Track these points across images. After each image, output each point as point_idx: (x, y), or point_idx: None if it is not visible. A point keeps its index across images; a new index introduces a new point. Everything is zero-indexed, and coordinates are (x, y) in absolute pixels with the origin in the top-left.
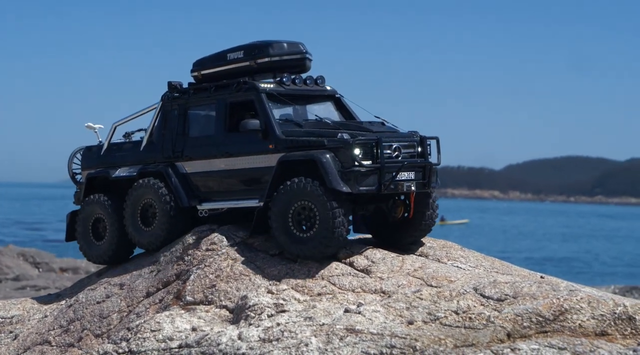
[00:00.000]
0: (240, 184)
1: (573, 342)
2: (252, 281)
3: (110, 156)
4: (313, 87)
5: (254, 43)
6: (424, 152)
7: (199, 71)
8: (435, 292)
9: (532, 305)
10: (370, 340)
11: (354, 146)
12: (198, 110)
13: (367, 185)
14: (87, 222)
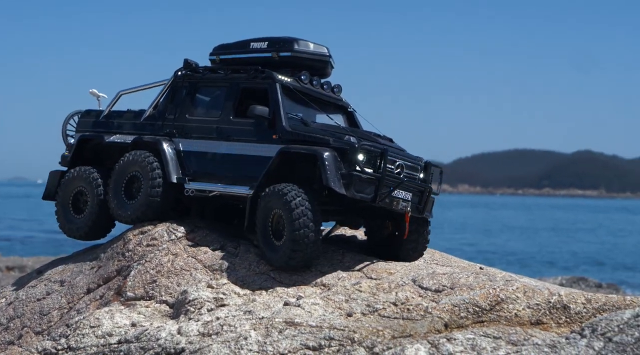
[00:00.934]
0: (235, 170)
1: (508, 331)
2: (193, 276)
3: (108, 122)
4: (328, 93)
5: (280, 37)
6: (426, 179)
7: (218, 55)
8: (375, 284)
9: (469, 296)
10: (309, 333)
11: (359, 151)
12: (208, 91)
13: (363, 193)
14: (68, 194)
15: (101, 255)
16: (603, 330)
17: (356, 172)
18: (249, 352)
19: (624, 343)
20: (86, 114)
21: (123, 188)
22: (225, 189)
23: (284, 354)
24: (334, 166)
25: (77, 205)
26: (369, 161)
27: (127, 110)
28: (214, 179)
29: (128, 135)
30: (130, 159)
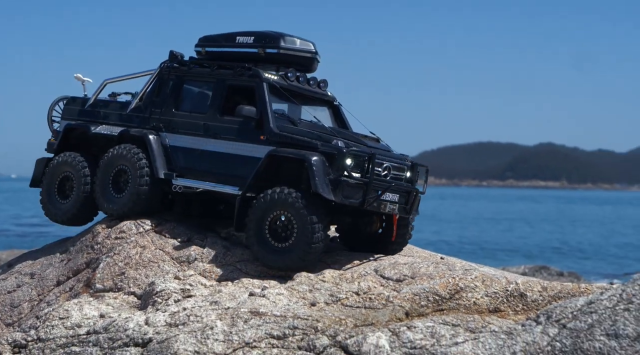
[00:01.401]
0: (222, 168)
1: (466, 319)
2: (161, 268)
3: (94, 112)
4: (315, 89)
5: (266, 32)
6: (413, 178)
7: (204, 47)
8: (338, 275)
9: (429, 285)
10: (274, 322)
11: (347, 156)
12: (194, 85)
13: (351, 198)
14: (54, 179)
15: (71, 248)
16: (558, 317)
17: (344, 177)
18: (215, 341)
19: (578, 329)
20: (71, 101)
21: (110, 181)
22: (213, 187)
23: (249, 343)
24: (322, 171)
25: (63, 190)
26: (357, 165)
27: (113, 101)
28: (201, 175)
29: (114, 127)
30: (118, 153)
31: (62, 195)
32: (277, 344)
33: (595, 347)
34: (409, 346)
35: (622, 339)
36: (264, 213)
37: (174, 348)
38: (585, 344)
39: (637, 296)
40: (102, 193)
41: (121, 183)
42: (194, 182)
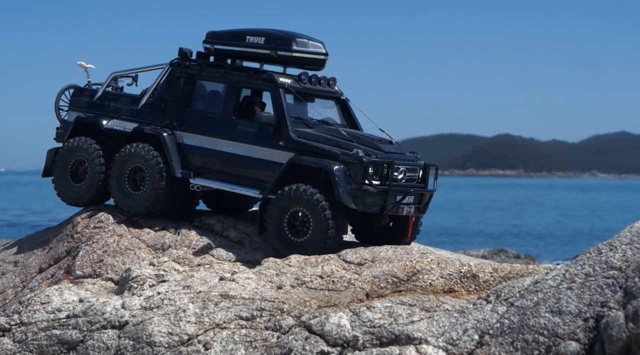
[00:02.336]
0: (241, 170)
1: (422, 299)
2: (137, 255)
3: (103, 104)
4: (325, 88)
5: (276, 33)
6: (425, 178)
7: (213, 44)
8: (303, 259)
9: (388, 268)
10: (243, 305)
11: (369, 165)
12: (206, 84)
13: (372, 205)
14: (67, 163)
15: (52, 237)
16: (506, 296)
17: (365, 185)
18: (187, 323)
19: (524, 307)
20: (79, 92)
21: (127, 178)
22: (232, 188)
23: (219, 324)
24: (344, 181)
25: (76, 174)
26: (376, 173)
27: (122, 94)
28: (219, 176)
29: (126, 122)
30: (134, 152)
31: (75, 179)
32: (245, 324)
33: (540, 323)
34: (369, 325)
35: (565, 315)
36: (283, 209)
37: (149, 330)
38: (531, 320)
39: (579, 276)
40: (119, 190)
41: (137, 180)
42: (212, 182)
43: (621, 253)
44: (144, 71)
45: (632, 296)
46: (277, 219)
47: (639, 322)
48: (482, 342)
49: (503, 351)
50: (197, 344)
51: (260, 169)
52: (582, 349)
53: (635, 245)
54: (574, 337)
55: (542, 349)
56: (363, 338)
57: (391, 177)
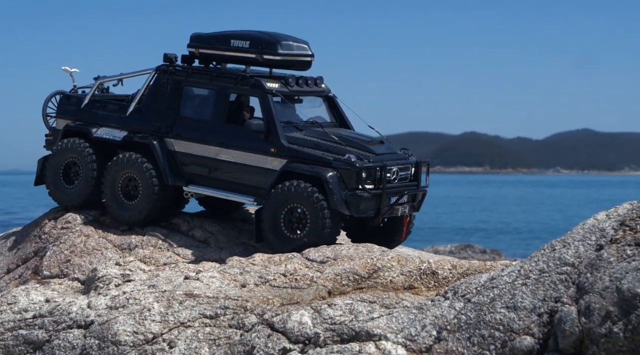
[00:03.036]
0: (233, 177)
1: (382, 296)
2: (104, 255)
3: (90, 112)
4: (312, 88)
5: (261, 36)
6: (417, 175)
7: (197, 48)
8: (267, 258)
9: (350, 266)
10: (207, 303)
11: (362, 170)
12: (194, 90)
13: (366, 209)
14: (58, 165)
15: (20, 238)
16: (463, 293)
17: (359, 191)
18: (152, 322)
19: (481, 303)
20: (66, 99)
21: (120, 188)
22: (227, 195)
23: (183, 322)
24: (338, 188)
25: (68, 175)
26: (369, 177)
27: (110, 101)
28: (212, 183)
29: (115, 130)
30: (126, 161)
31: (67, 180)
32: (209, 323)
33: (496, 318)
34: (330, 322)
35: (520, 311)
36: (281, 205)
37: (114, 329)
38: (487, 316)
39: (533, 272)
40: (113, 200)
41: (130, 189)
42: (206, 189)
43: (574, 249)
44: (129, 77)
45: (585, 292)
46: (274, 215)
47: (591, 316)
48: (440, 338)
49: (460, 346)
50: (162, 343)
51: (253, 175)
52: (536, 343)
53: (587, 241)
54: (529, 332)
55: (498, 343)
56: (324, 335)
57: (384, 180)
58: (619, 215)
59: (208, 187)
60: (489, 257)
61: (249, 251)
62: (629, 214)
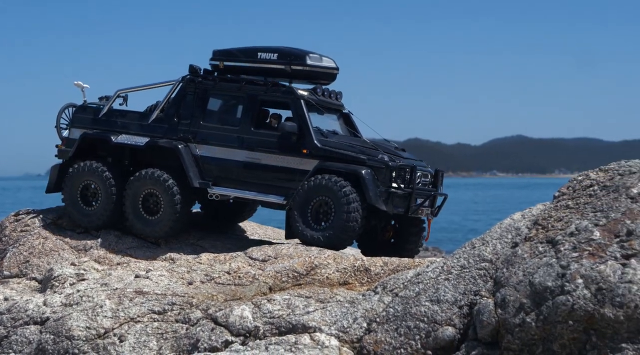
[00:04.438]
0: (261, 178)
1: (318, 291)
2: (61, 255)
3: (109, 121)
4: (334, 101)
5: (288, 49)
6: (436, 182)
7: (222, 61)
8: (213, 257)
9: (289, 263)
10: (155, 300)
11: (394, 169)
12: (220, 98)
13: (398, 207)
14: (75, 187)
15: None
16: (391, 287)
17: (393, 188)
18: (104, 318)
19: (407, 297)
20: (82, 110)
21: (141, 205)
22: (255, 196)
23: (133, 318)
24: (373, 184)
25: (86, 197)
26: (399, 176)
27: (130, 110)
28: (238, 184)
29: (136, 137)
30: (148, 177)
31: (85, 202)
32: (157, 318)
33: (421, 311)
34: (269, 316)
35: (443, 304)
36: (307, 199)
37: (68, 325)
38: (413, 308)
39: (455, 268)
40: (134, 216)
41: (152, 205)
42: (232, 191)
43: (492, 247)
44: (150, 88)
45: (501, 285)
46: (302, 206)
47: (506, 308)
48: (370, 329)
49: (388, 337)
50: (113, 337)
51: (284, 176)
52: (457, 333)
53: (504, 239)
54: (451, 322)
55: (423, 334)
56: (263, 328)
57: (414, 180)
58: (533, 215)
59: (234, 189)
60: (431, 255)
61: (196, 251)
62: (541, 214)
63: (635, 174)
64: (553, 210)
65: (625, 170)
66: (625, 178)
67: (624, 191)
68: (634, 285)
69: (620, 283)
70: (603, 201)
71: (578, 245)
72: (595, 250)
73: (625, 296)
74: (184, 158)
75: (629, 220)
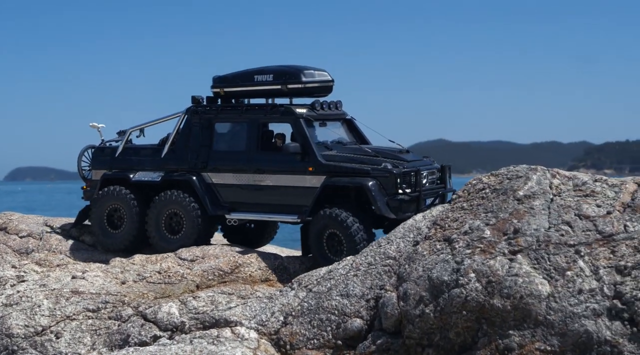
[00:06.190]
0: (273, 199)
1: (239, 288)
2: (4, 258)
3: (125, 159)
4: (334, 111)
5: (282, 68)
6: (444, 178)
7: (222, 88)
8: (145, 258)
9: (215, 263)
10: (90, 299)
11: (399, 176)
12: (225, 125)
13: (407, 211)
14: (102, 211)
15: None
16: (306, 284)
17: (400, 195)
18: (41, 316)
19: (320, 292)
20: (100, 151)
21: (163, 224)
22: (270, 217)
23: (69, 316)
24: (380, 194)
25: (112, 221)
26: (405, 181)
27: (143, 147)
28: (253, 208)
29: (152, 172)
30: (168, 198)
31: (112, 226)
32: (92, 315)
33: (332, 305)
34: (194, 312)
35: (352, 298)
36: (321, 230)
37: (8, 324)
38: (325, 302)
39: (363, 265)
40: (158, 235)
41: (173, 225)
42: (248, 214)
43: (396, 245)
44: (158, 123)
45: (403, 280)
46: (317, 239)
47: (407, 300)
48: (286, 322)
49: (303, 329)
50: (50, 334)
51: (294, 195)
52: (364, 324)
53: (406, 238)
54: (359, 315)
55: (334, 325)
56: (189, 323)
57: (420, 183)
58: (433, 216)
59: (250, 212)
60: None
61: (130, 253)
62: (440, 215)
63: (521, 178)
64: (450, 212)
65: (513, 174)
66: (513, 182)
67: (512, 194)
68: (520, 278)
69: (507, 276)
70: (493, 203)
71: (471, 243)
72: (486, 247)
73: (512, 288)
74: (198, 189)
75: (515, 219)
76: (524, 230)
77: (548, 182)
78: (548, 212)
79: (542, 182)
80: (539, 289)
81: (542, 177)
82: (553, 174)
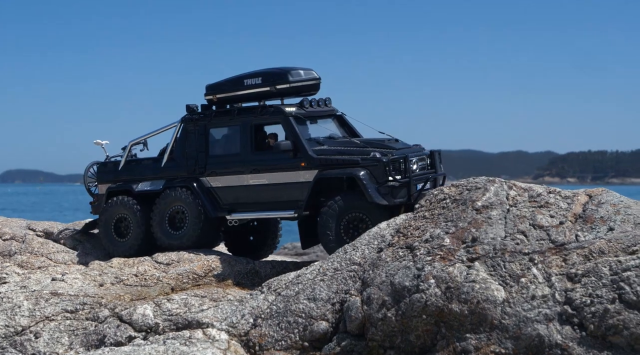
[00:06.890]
0: (270, 197)
1: (212, 291)
2: None
3: (128, 171)
4: (323, 108)
5: (269, 71)
6: (434, 163)
7: (214, 95)
8: (122, 261)
9: (190, 267)
10: (69, 300)
11: (388, 164)
12: (219, 130)
13: (399, 197)
14: (109, 220)
15: None
16: (275, 287)
17: (390, 182)
18: (21, 317)
19: (288, 296)
20: (103, 167)
21: (167, 221)
22: (268, 214)
23: (48, 317)
24: (371, 183)
25: (119, 229)
26: (395, 169)
27: (144, 159)
28: (253, 207)
29: (154, 182)
30: (173, 195)
31: (118, 234)
32: (70, 316)
33: (299, 308)
34: (168, 314)
35: (318, 301)
36: (340, 216)
37: None
38: (293, 306)
39: (329, 270)
40: (161, 231)
41: (177, 221)
42: (248, 214)
43: (361, 252)
44: (156, 134)
45: (367, 285)
46: (335, 225)
47: (371, 304)
48: (255, 324)
49: (271, 331)
50: (29, 334)
51: (289, 191)
52: (330, 327)
53: (371, 245)
54: (325, 318)
55: (301, 327)
56: (163, 324)
57: (409, 169)
58: (396, 224)
59: (249, 212)
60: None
61: (109, 256)
62: (403, 223)
63: (480, 189)
64: (412, 220)
65: (472, 185)
66: (472, 192)
67: (471, 204)
68: (477, 284)
69: (465, 282)
70: (453, 212)
71: (431, 250)
72: (445, 254)
73: (469, 293)
74: (198, 193)
75: (474, 228)
76: (482, 239)
77: (505, 193)
78: (504, 221)
79: (499, 194)
80: (494, 295)
81: (499, 189)
82: (510, 185)
